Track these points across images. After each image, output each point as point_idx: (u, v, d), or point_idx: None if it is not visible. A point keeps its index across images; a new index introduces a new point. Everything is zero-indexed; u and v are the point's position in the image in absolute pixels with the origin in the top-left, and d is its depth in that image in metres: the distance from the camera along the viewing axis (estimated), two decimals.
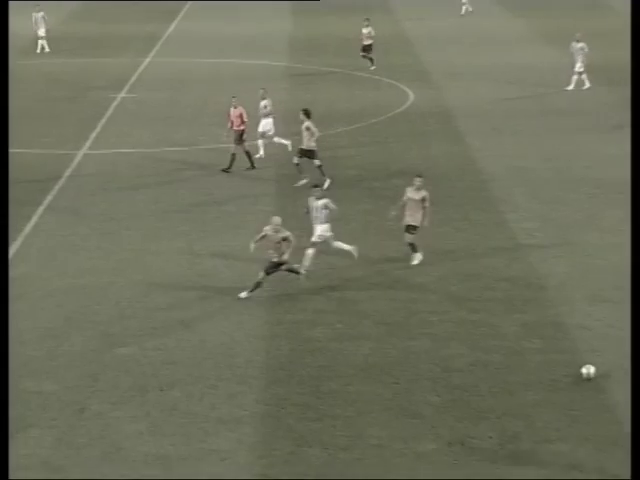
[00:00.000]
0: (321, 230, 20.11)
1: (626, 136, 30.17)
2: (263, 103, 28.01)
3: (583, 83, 36.48)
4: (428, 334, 17.53)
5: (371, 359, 16.62)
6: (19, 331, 17.59)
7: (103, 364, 16.45)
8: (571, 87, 36.41)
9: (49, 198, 24.90)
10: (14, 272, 20.13)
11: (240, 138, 27.00)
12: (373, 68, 39.70)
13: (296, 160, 25.65)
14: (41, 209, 24.08)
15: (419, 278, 20.00)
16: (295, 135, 31.23)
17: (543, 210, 24.12)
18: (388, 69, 40.22)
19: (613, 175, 26.64)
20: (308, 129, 25.66)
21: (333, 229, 20.41)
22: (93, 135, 30.72)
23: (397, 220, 20.89)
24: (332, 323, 17.96)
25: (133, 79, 38.74)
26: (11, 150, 28.87)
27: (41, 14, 44.77)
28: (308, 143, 25.75)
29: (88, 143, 29.87)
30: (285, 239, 18.82)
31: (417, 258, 20.64)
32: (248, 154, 27.12)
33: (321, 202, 20.03)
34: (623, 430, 14.27)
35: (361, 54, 40.25)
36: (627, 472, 13.22)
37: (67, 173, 26.97)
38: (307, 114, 25.86)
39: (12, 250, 21.31)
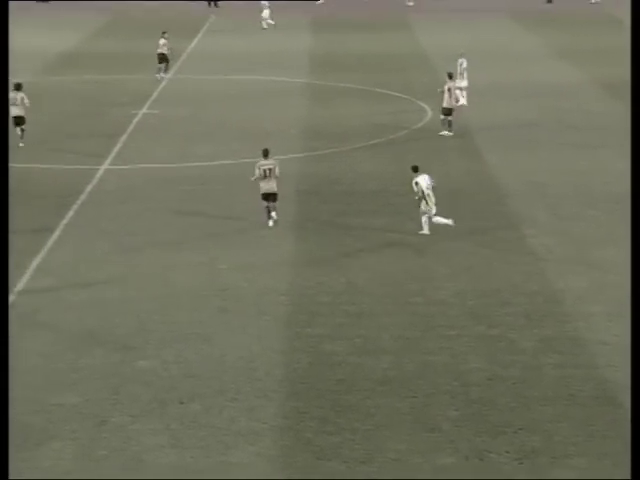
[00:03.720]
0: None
1: None
2: None
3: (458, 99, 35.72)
4: (446, 348, 17.62)
5: (390, 373, 16.72)
6: (41, 344, 17.79)
7: (124, 377, 16.61)
8: (464, 102, 35.80)
9: (71, 213, 25.13)
10: (37, 285, 20.37)
11: None
12: (160, 76, 41.56)
13: None
14: (63, 223, 24.31)
15: (438, 293, 20.10)
16: (311, 151, 31.48)
17: (561, 226, 24.18)
18: (406, 86, 40.39)
19: None
20: None
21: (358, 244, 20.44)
22: (115, 150, 30.98)
23: None
24: (351, 337, 18.08)
25: (155, 95, 39.06)
26: (34, 165, 29.23)
27: None
28: None
29: (110, 158, 30.13)
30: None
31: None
32: None
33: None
34: None
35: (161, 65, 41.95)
36: None
37: (89, 188, 27.21)
38: None
39: (35, 263, 21.55)
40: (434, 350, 17.54)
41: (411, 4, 65.03)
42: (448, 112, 32.44)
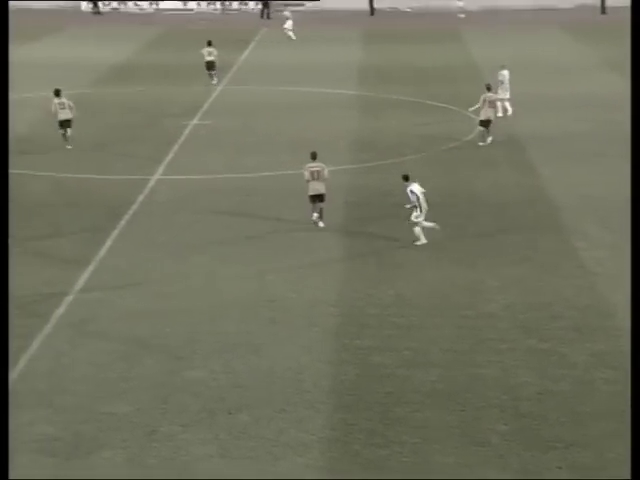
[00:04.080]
0: None
1: None
2: None
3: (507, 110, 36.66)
4: (496, 362, 17.49)
5: (438, 386, 16.64)
6: (92, 353, 17.96)
7: (173, 387, 16.71)
8: (509, 112, 36.47)
9: (123, 222, 25.35)
10: (88, 295, 20.58)
11: None
12: (214, 82, 42.87)
13: None
14: (115, 233, 24.53)
15: (488, 306, 19.97)
16: (361, 163, 31.47)
17: (612, 239, 23.91)
18: (457, 97, 40.24)
19: None
20: None
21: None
22: (166, 161, 31.22)
23: None
24: (400, 349, 18.02)
25: (206, 106, 39.33)
26: (87, 176, 29.55)
27: None
28: None
29: (161, 169, 30.37)
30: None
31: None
32: None
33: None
34: None
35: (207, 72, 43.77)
36: None
37: (141, 198, 27.43)
38: None
39: (87, 274, 21.76)
40: (483, 363, 17.43)
41: (462, 16, 64.88)
42: (485, 124, 32.61)
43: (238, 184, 28.87)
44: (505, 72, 36.91)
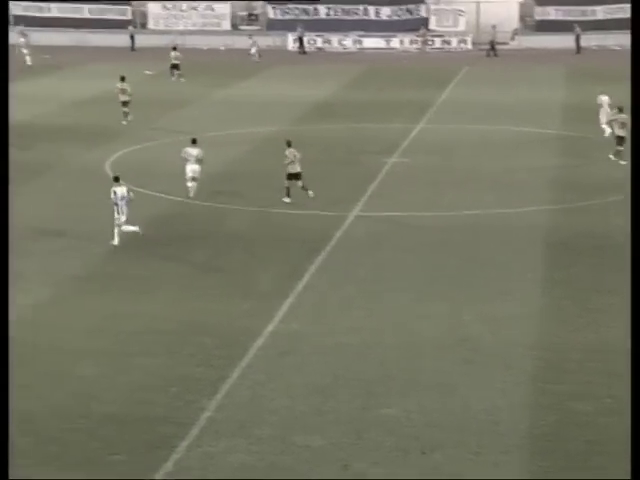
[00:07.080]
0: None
1: None
2: None
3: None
4: None
5: None
6: (289, 386, 18.21)
7: (367, 422, 16.70)
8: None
9: (320, 258, 25.70)
10: (286, 328, 20.93)
11: None
12: (125, 122, 42.00)
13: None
14: (313, 268, 24.88)
15: None
16: (563, 203, 30.72)
17: None
18: None
19: None
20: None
21: None
22: (364, 198, 31.51)
23: None
24: (601, 397, 17.39)
25: (405, 144, 39.52)
26: (286, 211, 30.16)
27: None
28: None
29: (359, 205, 30.67)
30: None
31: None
32: None
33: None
34: None
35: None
36: None
37: (338, 234, 27.76)
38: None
39: (285, 307, 22.15)
40: None
41: None
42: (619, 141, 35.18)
43: (436, 222, 28.77)
44: (604, 97, 39.41)
